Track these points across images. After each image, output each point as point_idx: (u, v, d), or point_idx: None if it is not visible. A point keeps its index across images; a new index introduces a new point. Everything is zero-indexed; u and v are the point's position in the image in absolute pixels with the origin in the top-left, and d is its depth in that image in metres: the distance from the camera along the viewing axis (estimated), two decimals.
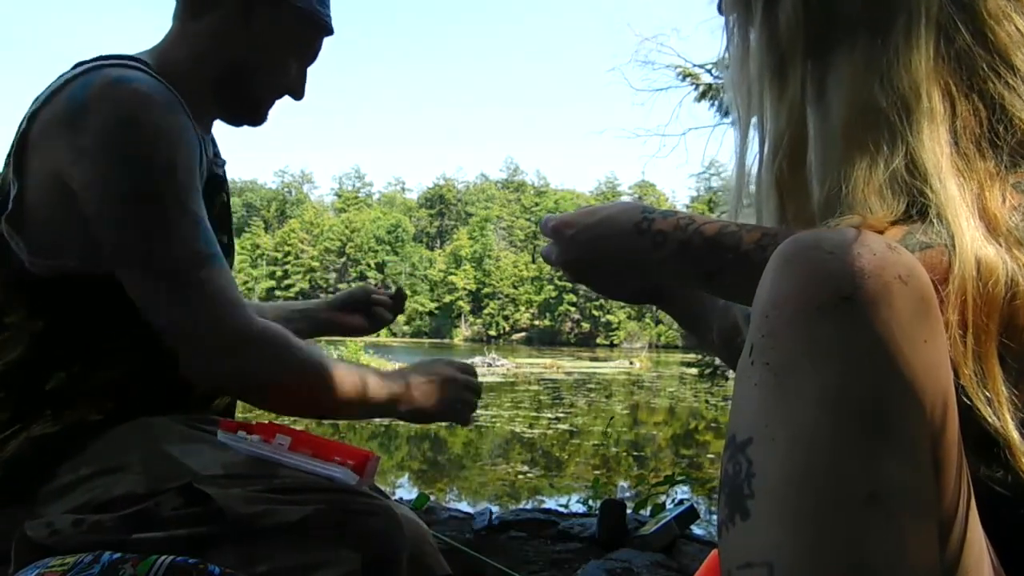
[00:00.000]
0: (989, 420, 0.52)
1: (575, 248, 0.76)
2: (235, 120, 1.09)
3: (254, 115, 1.09)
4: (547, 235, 0.79)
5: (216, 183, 1.05)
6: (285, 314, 1.29)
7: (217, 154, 1.12)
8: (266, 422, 0.89)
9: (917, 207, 0.60)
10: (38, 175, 0.89)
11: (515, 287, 66.36)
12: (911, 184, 0.60)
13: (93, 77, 0.88)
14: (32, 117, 0.90)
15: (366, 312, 1.35)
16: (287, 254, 68.04)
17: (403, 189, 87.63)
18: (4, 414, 0.90)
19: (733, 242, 0.66)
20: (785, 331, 0.47)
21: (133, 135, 0.85)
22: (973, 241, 0.55)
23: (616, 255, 0.73)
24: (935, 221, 0.58)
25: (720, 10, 0.80)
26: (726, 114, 11.19)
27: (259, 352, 0.88)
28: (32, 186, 0.89)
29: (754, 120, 0.75)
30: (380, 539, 0.81)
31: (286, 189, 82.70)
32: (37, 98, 0.92)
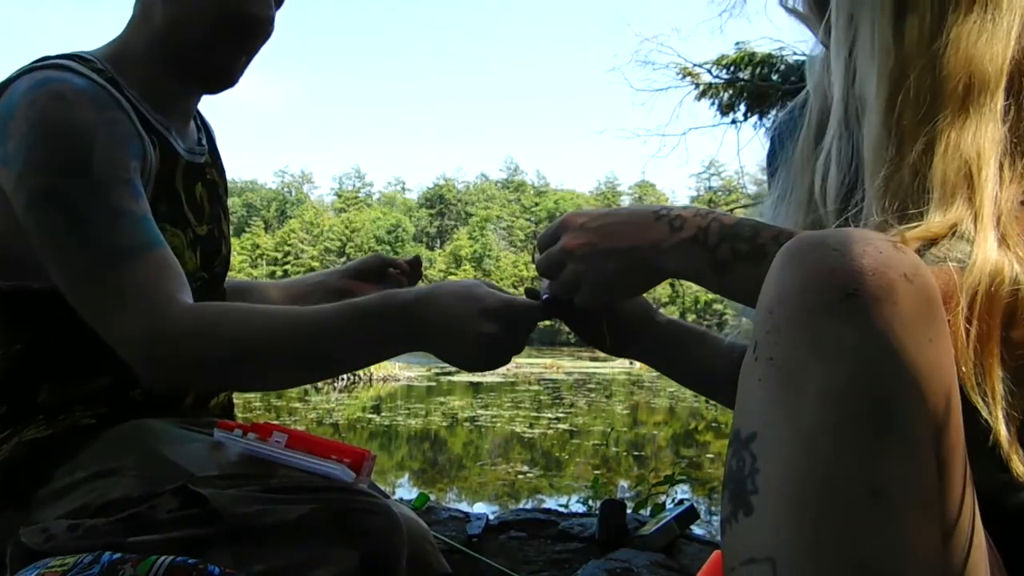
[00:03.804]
0: (983, 416, 0.52)
1: (585, 234, 0.74)
2: (206, 87, 1.03)
3: (216, 74, 1.00)
4: (552, 230, 0.77)
5: (194, 171, 1.03)
6: (300, 290, 1.24)
7: (200, 141, 1.08)
8: (263, 422, 0.89)
9: (952, 201, 0.59)
10: None
11: (515, 287, 66.35)
12: (956, 176, 0.60)
13: (21, 83, 0.87)
14: None
15: (381, 282, 1.23)
16: (287, 254, 68.02)
17: (403, 189, 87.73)
18: None
19: (750, 234, 0.66)
20: (789, 327, 0.48)
21: (44, 136, 0.83)
22: (991, 247, 0.55)
23: (629, 242, 0.71)
24: (967, 222, 0.57)
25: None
26: (725, 113, 11.20)
27: (185, 348, 0.81)
28: None
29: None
30: (379, 538, 0.81)
31: (286, 189, 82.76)
32: None
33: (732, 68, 10.93)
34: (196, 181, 1.03)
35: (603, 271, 0.73)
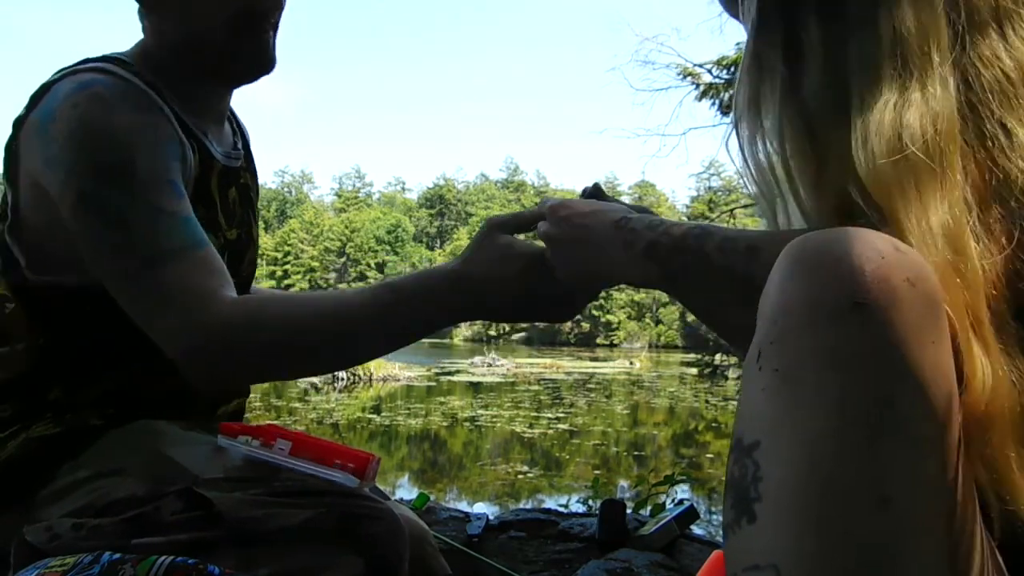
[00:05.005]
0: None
1: (560, 229, 0.79)
2: (246, 79, 1.02)
3: (251, 65, 0.99)
4: (542, 211, 0.83)
5: (229, 175, 1.03)
6: None
7: (236, 145, 1.08)
8: (266, 424, 0.89)
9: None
10: (25, 185, 0.89)
11: None
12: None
13: (61, 87, 0.87)
14: (18, 124, 0.90)
15: None
16: (287, 254, 67.98)
17: (403, 189, 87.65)
18: (4, 417, 0.90)
19: (697, 244, 0.67)
20: (794, 336, 0.47)
21: (88, 139, 0.84)
22: (983, 356, 0.51)
23: (593, 244, 0.76)
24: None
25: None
26: (726, 113, 11.20)
27: (231, 342, 0.83)
28: (22, 197, 0.90)
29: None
30: (383, 543, 0.81)
31: (286, 189, 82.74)
32: (27, 103, 0.91)
33: (732, 68, 10.93)
34: (230, 185, 1.04)
35: (568, 270, 0.80)
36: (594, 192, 0.91)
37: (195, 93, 0.99)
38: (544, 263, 0.82)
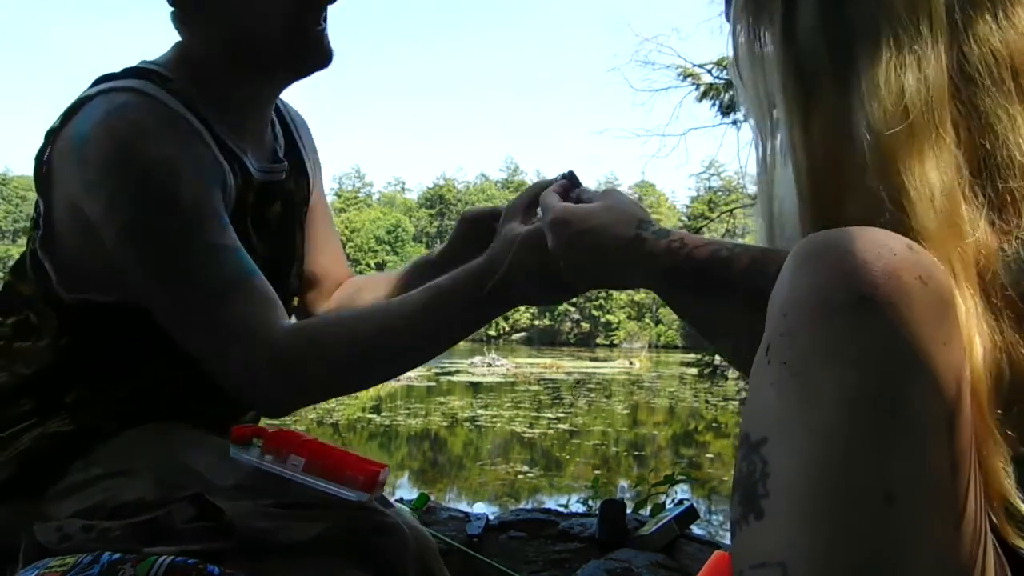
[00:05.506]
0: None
1: (565, 240, 0.77)
2: (300, 70, 0.98)
3: (309, 56, 0.96)
4: (544, 220, 0.81)
5: (268, 191, 1.01)
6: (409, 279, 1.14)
7: (278, 155, 1.05)
8: (277, 427, 0.88)
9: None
10: (59, 201, 0.89)
11: None
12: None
13: (96, 106, 0.86)
14: (52, 136, 0.90)
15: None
16: None
17: (403, 189, 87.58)
18: (22, 412, 0.90)
19: (722, 266, 0.66)
20: (803, 331, 0.47)
21: (128, 168, 0.83)
22: (978, 333, 0.52)
23: (606, 263, 0.75)
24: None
25: (727, 17, 0.78)
26: (726, 114, 11.20)
27: (288, 375, 0.84)
28: (56, 212, 0.89)
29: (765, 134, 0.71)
30: (390, 556, 0.81)
31: None
32: (61, 115, 0.90)
33: None
34: (271, 201, 1.02)
35: (582, 281, 0.82)
36: (569, 180, 0.90)
37: (238, 101, 0.97)
38: (537, 248, 0.82)
